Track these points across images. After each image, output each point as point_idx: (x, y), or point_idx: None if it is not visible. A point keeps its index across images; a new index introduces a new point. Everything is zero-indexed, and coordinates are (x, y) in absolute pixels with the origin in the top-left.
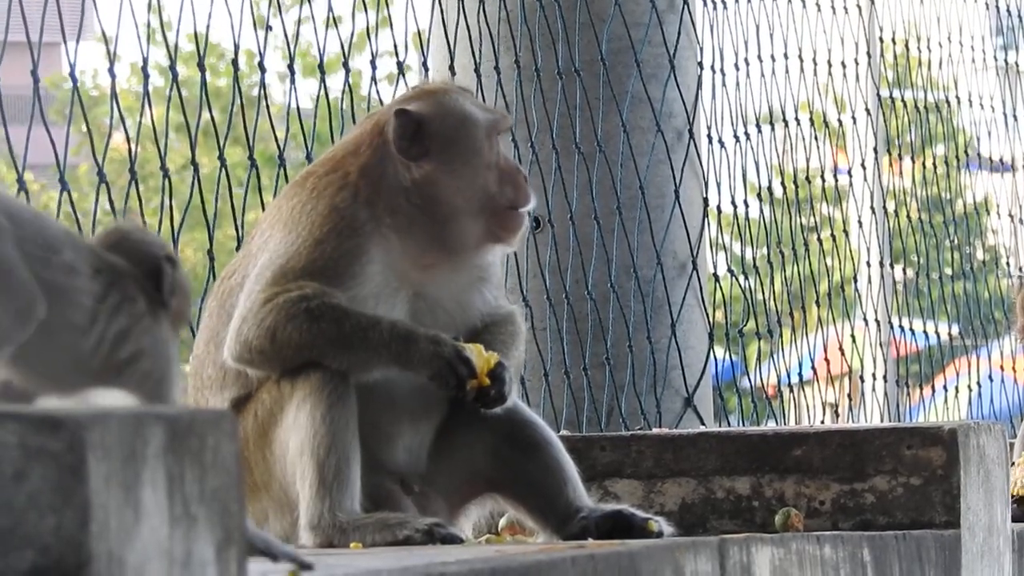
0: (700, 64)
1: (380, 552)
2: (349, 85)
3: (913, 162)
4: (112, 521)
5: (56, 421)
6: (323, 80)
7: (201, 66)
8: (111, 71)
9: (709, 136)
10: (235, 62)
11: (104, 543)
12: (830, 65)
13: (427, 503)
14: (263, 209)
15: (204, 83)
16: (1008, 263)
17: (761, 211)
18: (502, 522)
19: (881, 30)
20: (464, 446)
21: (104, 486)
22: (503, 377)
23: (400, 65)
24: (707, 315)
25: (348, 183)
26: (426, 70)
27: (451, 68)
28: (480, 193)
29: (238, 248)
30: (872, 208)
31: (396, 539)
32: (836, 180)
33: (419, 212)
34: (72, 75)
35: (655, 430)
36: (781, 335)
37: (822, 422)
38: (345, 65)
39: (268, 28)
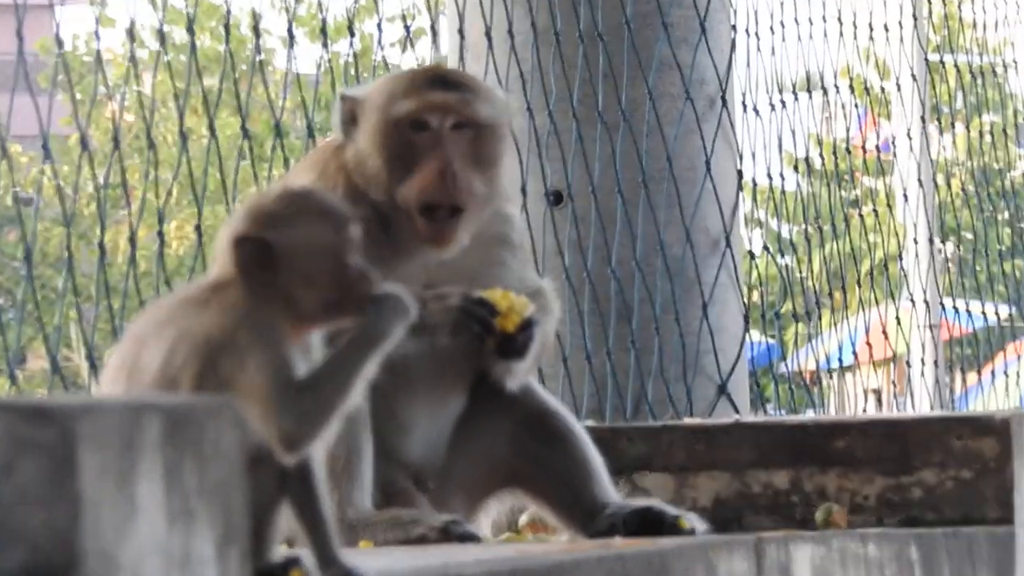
0: (733, 27)
1: (392, 552)
2: (354, 52)
3: (968, 130)
4: (105, 516)
5: (46, 411)
6: (326, 44)
7: (190, 29)
8: (97, 34)
9: (743, 104)
10: (227, 27)
11: (97, 540)
12: (872, 28)
13: (443, 499)
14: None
15: (193, 46)
16: None
17: (799, 184)
18: (523, 519)
19: None
20: (483, 437)
21: (97, 479)
22: (532, 330)
23: (408, 29)
24: (742, 295)
25: (326, 168)
26: (434, 35)
27: (460, 31)
28: (385, 183)
29: None
30: (919, 180)
31: (409, 537)
32: (879, 151)
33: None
34: (57, 37)
35: (686, 420)
36: (820, 317)
37: (865, 411)
38: (350, 29)
39: None
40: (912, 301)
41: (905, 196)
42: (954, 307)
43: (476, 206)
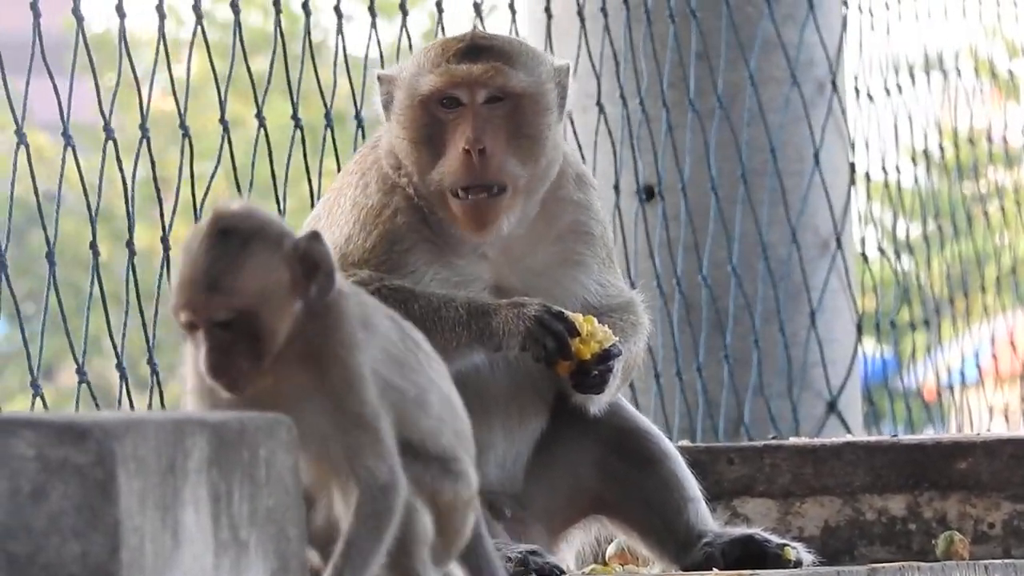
0: (844, 2)
1: None
2: (443, 26)
3: None
4: (147, 547)
5: (81, 430)
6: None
7: (235, 6)
8: (120, 9)
9: (856, 88)
10: (276, 1)
11: (138, 573)
12: (999, 2)
13: (522, 528)
14: (307, 177)
15: (238, 24)
16: None
17: (917, 178)
18: (610, 549)
19: None
20: (566, 460)
21: (138, 506)
22: (610, 361)
23: (511, 5)
24: (854, 302)
25: (363, 164)
26: (513, 13)
27: (547, 11)
28: (417, 169)
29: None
30: None
31: None
32: (1006, 141)
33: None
34: (76, 10)
35: (792, 440)
36: (940, 326)
37: (990, 430)
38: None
39: None
40: None
41: None
42: None
43: (519, 185)
